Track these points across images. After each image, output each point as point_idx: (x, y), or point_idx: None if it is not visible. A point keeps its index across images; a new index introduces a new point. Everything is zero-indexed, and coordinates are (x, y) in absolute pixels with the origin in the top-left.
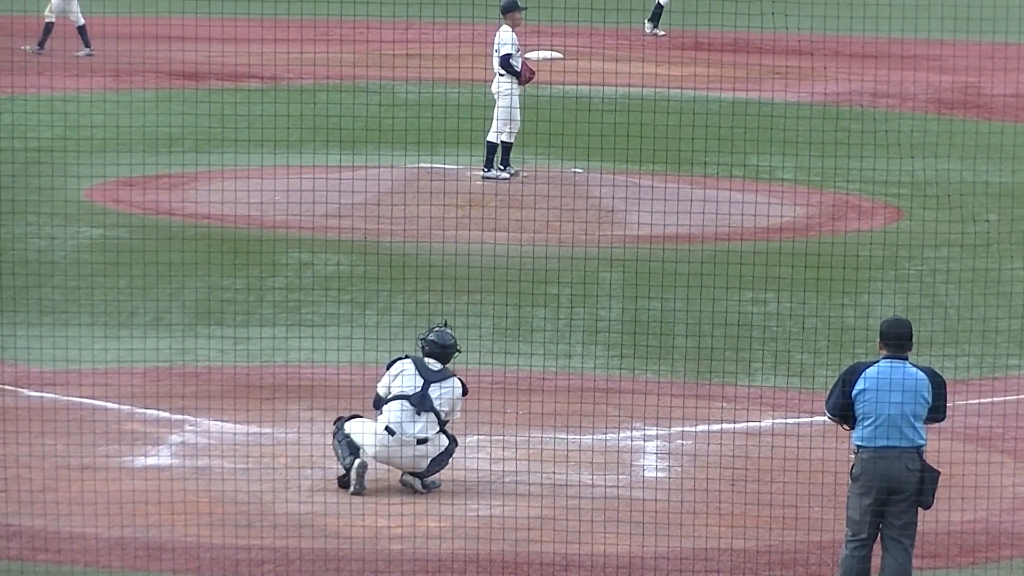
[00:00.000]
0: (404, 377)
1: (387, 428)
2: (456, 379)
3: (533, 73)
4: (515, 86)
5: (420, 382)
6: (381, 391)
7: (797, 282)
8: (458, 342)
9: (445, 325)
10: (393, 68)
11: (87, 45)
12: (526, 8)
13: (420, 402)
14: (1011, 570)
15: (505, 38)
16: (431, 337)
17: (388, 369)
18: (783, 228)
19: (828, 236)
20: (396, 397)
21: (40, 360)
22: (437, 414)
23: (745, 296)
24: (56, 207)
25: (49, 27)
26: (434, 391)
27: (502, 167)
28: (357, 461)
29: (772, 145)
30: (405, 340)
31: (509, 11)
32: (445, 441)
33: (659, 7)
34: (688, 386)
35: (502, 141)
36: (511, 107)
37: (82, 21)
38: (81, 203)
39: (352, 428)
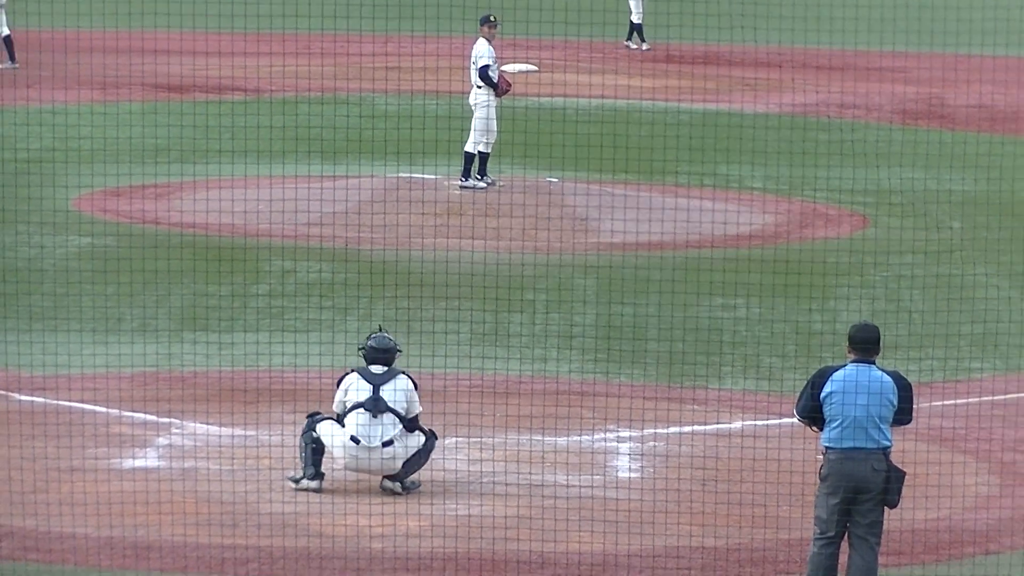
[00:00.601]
0: (353, 389)
1: (352, 438)
2: (402, 375)
3: (510, 85)
4: (492, 98)
5: (369, 388)
6: (337, 409)
7: (766, 288)
8: (398, 343)
9: (381, 330)
10: (373, 80)
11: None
12: (498, 23)
13: (375, 405)
14: (973, 567)
15: (482, 50)
16: (371, 344)
17: (338, 387)
18: (752, 236)
19: (796, 243)
20: (352, 408)
21: (30, 365)
22: (396, 413)
23: (716, 302)
24: (45, 216)
25: (7, 40)
26: (386, 393)
27: (479, 176)
28: (314, 484)
29: (742, 155)
30: None
31: (482, 24)
32: (415, 440)
33: (635, 25)
34: (660, 389)
35: (479, 151)
36: (488, 118)
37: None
38: (69, 212)
39: (323, 431)
